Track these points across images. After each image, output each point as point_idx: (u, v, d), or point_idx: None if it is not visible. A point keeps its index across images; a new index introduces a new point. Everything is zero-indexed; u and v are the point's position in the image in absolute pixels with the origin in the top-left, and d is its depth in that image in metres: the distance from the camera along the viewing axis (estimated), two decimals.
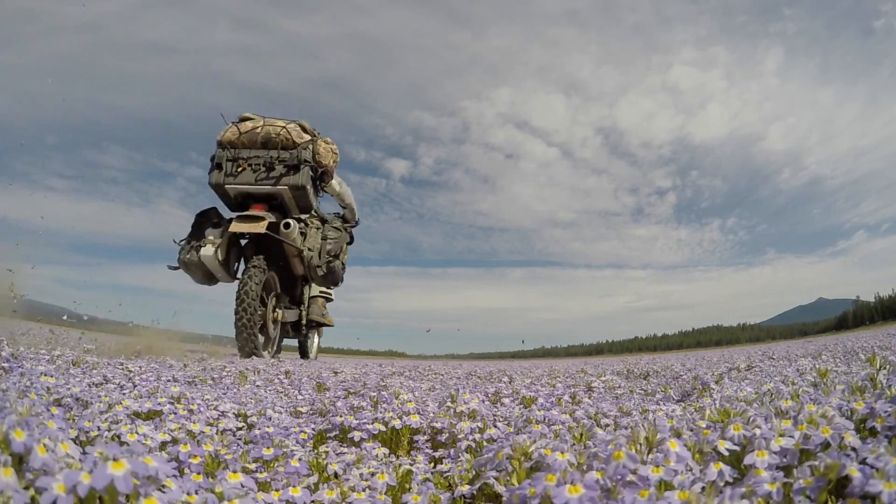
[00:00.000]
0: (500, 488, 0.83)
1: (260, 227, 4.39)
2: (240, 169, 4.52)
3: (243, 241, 4.88)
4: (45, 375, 1.64)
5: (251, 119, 4.75)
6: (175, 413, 1.39)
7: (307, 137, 4.73)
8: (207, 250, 4.54)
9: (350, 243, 5.51)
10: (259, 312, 4.56)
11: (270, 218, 4.54)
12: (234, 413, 1.53)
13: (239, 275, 4.92)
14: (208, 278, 4.83)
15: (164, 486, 0.58)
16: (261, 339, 4.71)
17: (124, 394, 1.60)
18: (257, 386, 2.57)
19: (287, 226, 4.55)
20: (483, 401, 1.85)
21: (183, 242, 4.73)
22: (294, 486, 0.83)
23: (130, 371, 2.37)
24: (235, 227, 4.47)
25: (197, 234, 4.74)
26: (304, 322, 5.48)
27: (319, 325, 5.66)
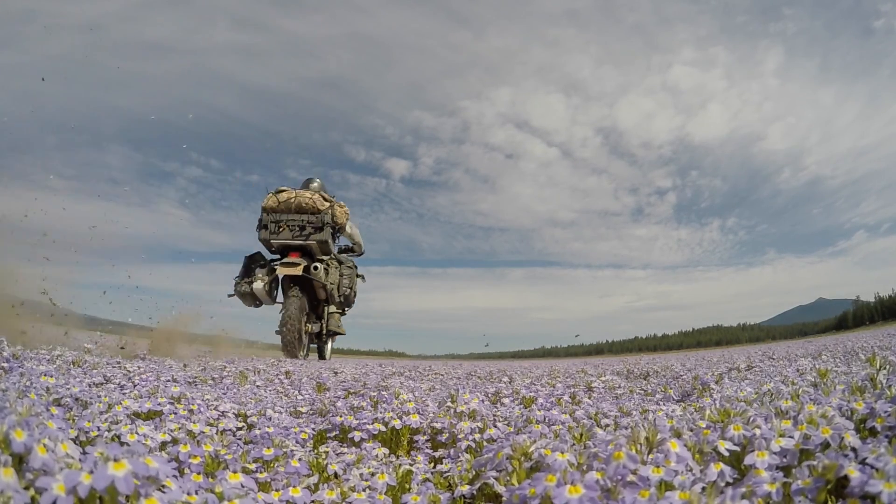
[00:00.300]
0: (500, 488, 0.83)
1: (298, 271, 6.33)
2: (281, 229, 6.40)
3: (281, 276, 6.66)
4: (45, 375, 1.64)
5: (285, 191, 6.62)
6: (175, 413, 1.39)
7: (327, 205, 6.61)
8: (258, 284, 6.42)
9: (363, 279, 7.55)
10: (297, 327, 6.32)
11: (304, 263, 6.41)
12: (234, 413, 1.54)
13: (278, 299, 6.80)
14: (256, 303, 6.70)
15: (164, 486, 0.58)
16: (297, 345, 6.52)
17: (124, 394, 1.60)
18: (257, 386, 2.57)
19: (315, 268, 6.43)
20: (483, 401, 1.85)
21: (237, 278, 6.64)
22: (294, 487, 0.83)
23: (130, 371, 2.37)
24: (281, 271, 6.38)
25: (248, 271, 6.64)
26: (324, 332, 7.17)
27: (335, 333, 7.36)
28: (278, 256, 6.70)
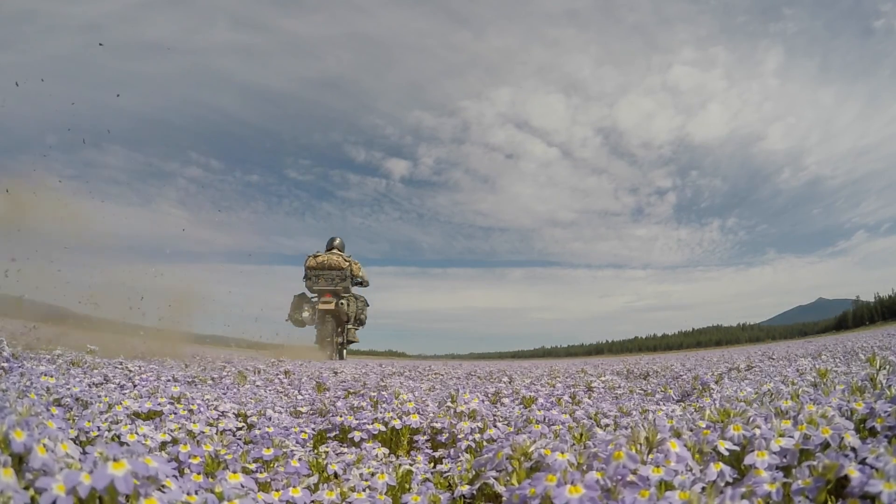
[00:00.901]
0: (500, 488, 0.83)
1: (332, 307, 10.34)
2: (319, 280, 10.43)
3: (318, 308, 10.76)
4: (45, 375, 1.64)
5: (320, 255, 10.66)
6: (175, 413, 1.39)
7: (347, 263, 10.58)
8: (306, 314, 10.62)
9: (368, 307, 11.65)
10: (331, 339, 10.42)
11: (334, 300, 10.39)
12: (234, 413, 1.53)
13: (315, 321, 10.85)
14: (303, 326, 10.70)
15: (164, 486, 0.58)
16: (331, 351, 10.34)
17: (124, 394, 1.60)
18: (257, 386, 2.57)
19: (341, 304, 10.44)
20: (483, 401, 1.85)
21: (290, 311, 10.70)
22: (294, 487, 0.83)
23: (130, 371, 2.37)
24: (321, 307, 10.37)
25: (298, 305, 10.72)
26: (344, 341, 11.09)
27: (350, 342, 11.31)
28: (316, 295, 10.86)
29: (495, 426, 1.37)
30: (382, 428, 1.39)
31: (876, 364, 1.33)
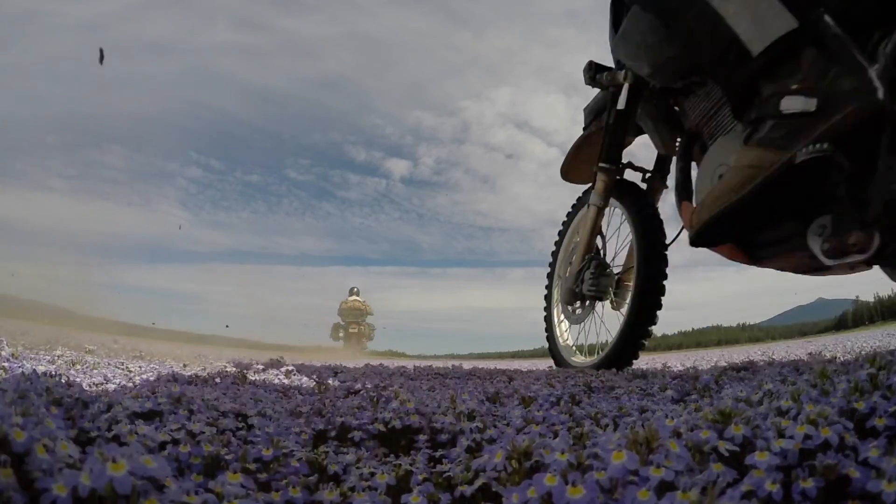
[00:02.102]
0: (499, 488, 0.83)
1: (356, 330, 21.56)
2: (349, 315, 21.60)
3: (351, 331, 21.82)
4: (45, 375, 1.64)
5: (349, 301, 21.96)
6: (175, 413, 1.39)
7: (363, 306, 21.72)
8: (341, 334, 21.50)
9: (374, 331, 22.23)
10: (353, 347, 20.40)
11: (358, 326, 21.70)
12: (233, 413, 1.54)
13: (345, 338, 21.83)
14: (338, 341, 21.77)
15: (163, 486, 0.58)
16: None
17: (124, 394, 1.60)
18: (257, 386, 2.57)
19: (361, 328, 21.77)
20: (483, 401, 1.85)
21: (331, 333, 21.84)
22: (294, 487, 0.83)
23: (130, 371, 2.38)
24: (350, 330, 21.41)
25: (336, 329, 21.63)
26: (361, 348, 19.76)
27: (364, 349, 20.18)
28: (346, 323, 20.08)
29: (495, 426, 1.37)
30: (382, 428, 1.39)
31: (876, 364, 1.34)
